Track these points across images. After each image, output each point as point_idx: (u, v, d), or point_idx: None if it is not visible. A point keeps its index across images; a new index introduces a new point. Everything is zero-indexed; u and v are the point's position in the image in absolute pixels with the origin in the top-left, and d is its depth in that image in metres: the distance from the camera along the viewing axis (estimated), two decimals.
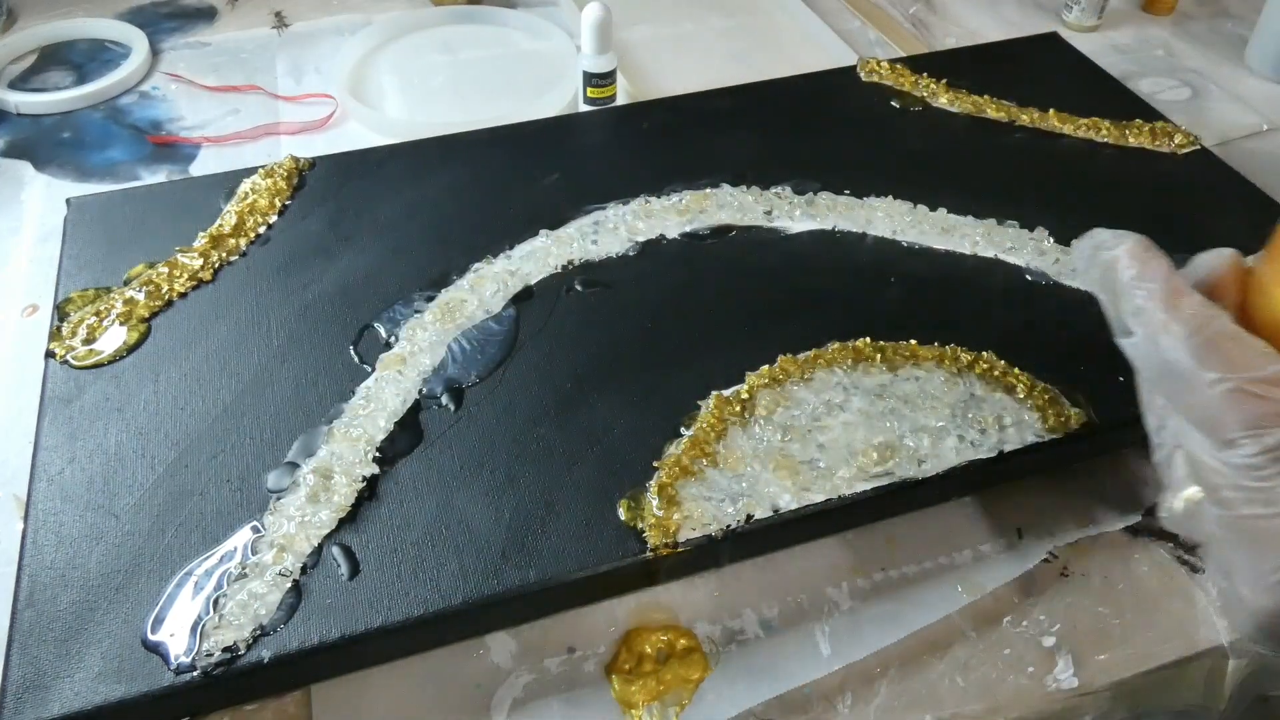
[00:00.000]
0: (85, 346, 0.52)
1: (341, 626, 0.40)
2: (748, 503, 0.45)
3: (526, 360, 0.52)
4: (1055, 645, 0.45)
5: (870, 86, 0.73)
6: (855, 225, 0.61)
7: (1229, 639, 0.45)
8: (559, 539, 0.44)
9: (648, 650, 0.44)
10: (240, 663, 0.39)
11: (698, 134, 0.68)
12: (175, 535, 0.44)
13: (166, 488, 0.45)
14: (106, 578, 0.42)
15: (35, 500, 0.45)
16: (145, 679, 0.39)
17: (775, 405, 0.49)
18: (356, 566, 0.43)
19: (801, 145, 0.67)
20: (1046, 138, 0.68)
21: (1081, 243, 0.37)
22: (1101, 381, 0.51)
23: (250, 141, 0.75)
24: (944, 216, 0.61)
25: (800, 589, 0.47)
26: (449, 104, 0.79)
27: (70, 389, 0.50)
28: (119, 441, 0.47)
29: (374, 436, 0.48)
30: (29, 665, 0.39)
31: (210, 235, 0.58)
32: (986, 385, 0.51)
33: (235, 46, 0.86)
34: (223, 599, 0.41)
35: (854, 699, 0.43)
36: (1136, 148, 0.68)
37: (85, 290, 0.55)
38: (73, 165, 0.72)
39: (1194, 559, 0.48)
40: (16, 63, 0.83)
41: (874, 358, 0.51)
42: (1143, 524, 0.50)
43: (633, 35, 0.88)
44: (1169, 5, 0.94)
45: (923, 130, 0.69)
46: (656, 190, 0.63)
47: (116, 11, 0.89)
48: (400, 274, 0.57)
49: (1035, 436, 0.48)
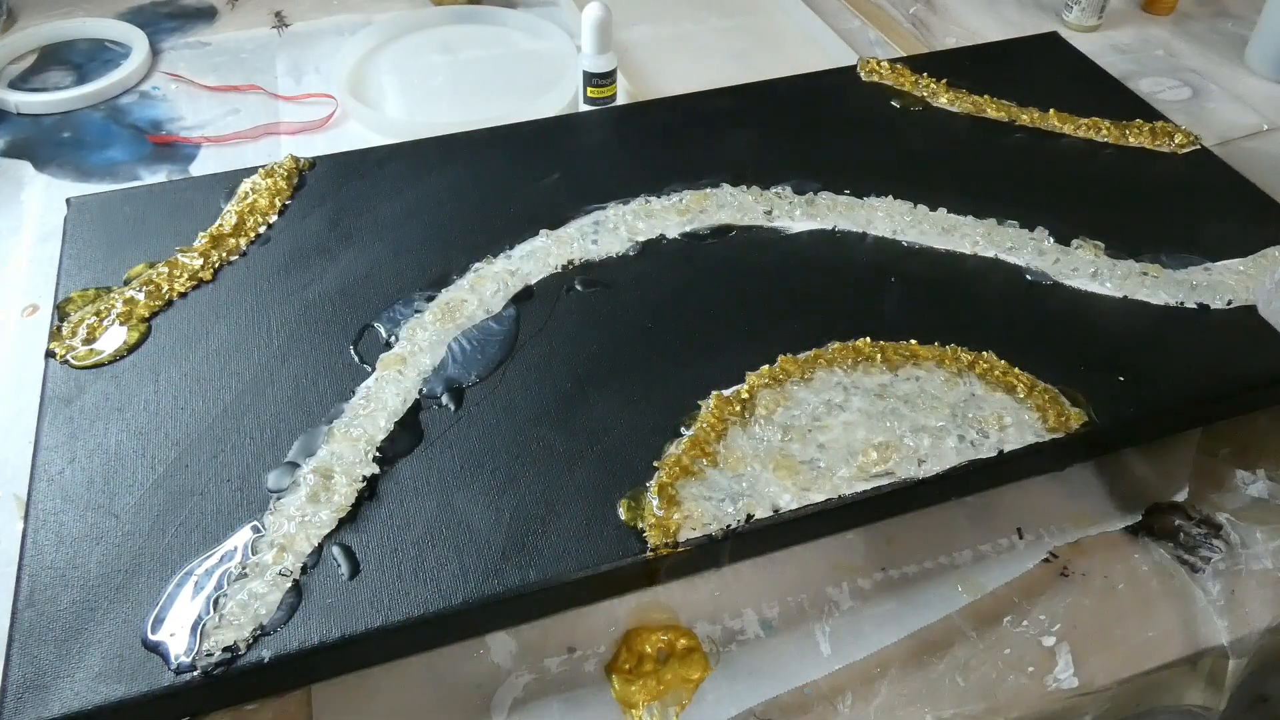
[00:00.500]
0: (85, 346, 0.52)
1: (341, 626, 0.40)
2: (748, 503, 0.45)
3: (526, 360, 0.52)
4: (1055, 645, 0.45)
5: (870, 86, 0.73)
6: (855, 225, 0.61)
7: (1229, 639, 0.45)
8: (559, 539, 0.44)
9: (648, 650, 0.44)
10: (240, 663, 0.39)
11: (698, 134, 0.68)
12: (175, 535, 0.44)
13: (167, 487, 0.45)
14: (106, 578, 0.42)
15: (35, 500, 0.45)
16: (145, 679, 0.39)
17: (775, 405, 0.49)
18: (356, 566, 0.43)
19: (801, 145, 0.67)
20: (1046, 138, 0.68)
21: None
22: (1101, 381, 0.51)
23: (250, 141, 0.75)
24: (944, 216, 0.61)
25: (800, 589, 0.47)
26: (449, 104, 0.79)
27: (70, 389, 0.50)
28: (119, 441, 0.47)
29: (374, 436, 0.48)
30: (29, 665, 0.39)
31: (210, 235, 0.58)
32: (986, 385, 0.51)
33: (235, 46, 0.86)
34: (223, 599, 0.41)
35: (854, 699, 0.43)
36: (1136, 148, 0.68)
37: (85, 290, 0.55)
38: (73, 165, 0.72)
39: (1194, 559, 0.48)
40: (16, 63, 0.83)
41: (874, 358, 0.51)
42: (1142, 524, 0.50)
43: (633, 35, 0.88)
44: (1169, 5, 0.94)
45: (923, 130, 0.69)
46: (656, 190, 0.63)
47: (116, 11, 0.89)
48: (400, 274, 0.57)
49: (1035, 436, 0.48)
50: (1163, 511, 0.50)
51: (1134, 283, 0.57)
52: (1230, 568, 0.48)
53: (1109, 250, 0.59)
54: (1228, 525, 0.49)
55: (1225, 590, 0.47)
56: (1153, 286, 0.57)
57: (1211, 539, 0.49)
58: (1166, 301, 0.56)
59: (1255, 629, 0.46)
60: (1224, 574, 0.48)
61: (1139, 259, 0.59)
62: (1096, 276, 0.57)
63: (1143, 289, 0.57)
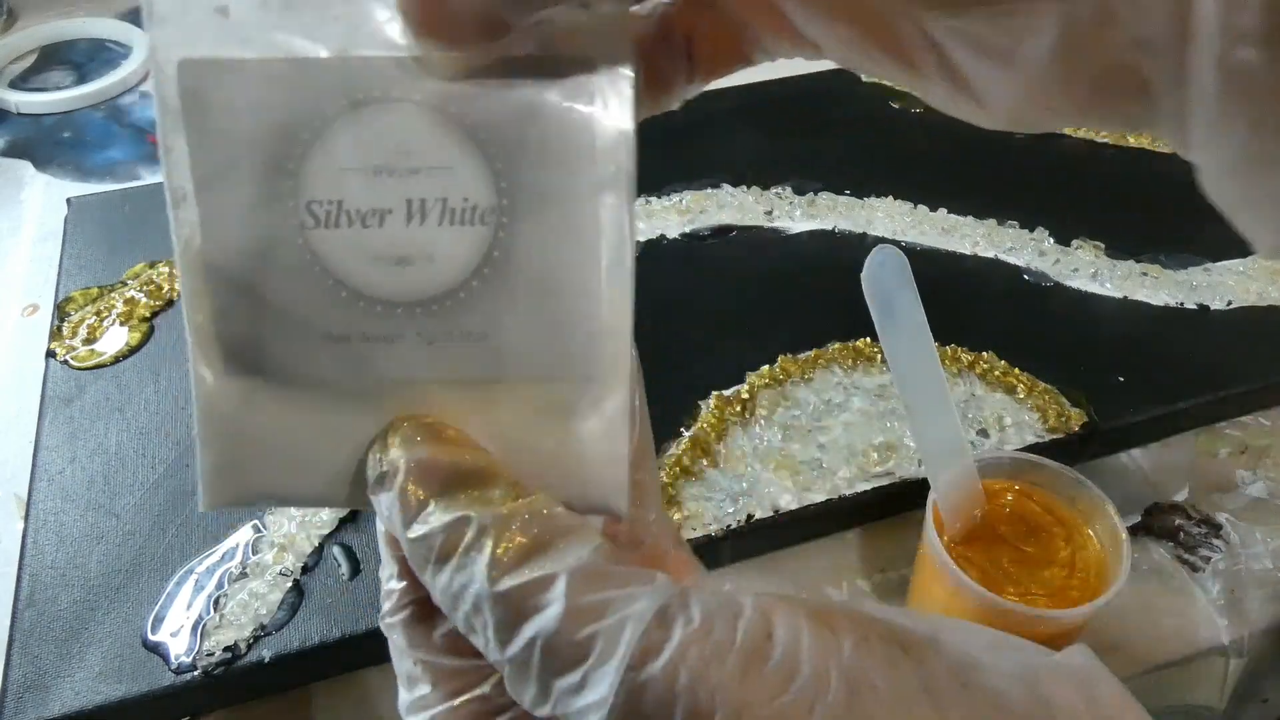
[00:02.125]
0: (86, 346, 0.52)
1: (341, 626, 0.40)
2: (748, 503, 0.45)
3: None
4: None
5: (870, 87, 0.73)
6: (855, 225, 0.61)
7: (1229, 639, 0.45)
8: None
9: None
10: (241, 662, 0.39)
11: (698, 134, 0.68)
12: (176, 535, 0.44)
13: (167, 487, 0.45)
14: (107, 577, 0.42)
15: (36, 500, 0.45)
16: (146, 679, 0.39)
17: (775, 405, 0.49)
18: (357, 566, 0.43)
19: (802, 145, 0.67)
20: (1046, 138, 0.68)
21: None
22: (1101, 381, 0.51)
23: None
24: (944, 216, 0.61)
25: (800, 589, 0.47)
26: None
27: (70, 389, 0.50)
28: (120, 441, 0.47)
29: None
30: (29, 665, 0.39)
31: None
32: (986, 385, 0.51)
33: None
34: (223, 598, 0.41)
35: None
36: (1136, 148, 0.68)
37: (86, 290, 0.55)
38: (73, 165, 0.72)
39: (1194, 559, 0.48)
40: (17, 62, 0.83)
41: (874, 358, 0.51)
42: (1142, 524, 0.50)
43: None
44: None
45: (923, 130, 0.69)
46: (656, 190, 0.63)
47: (117, 11, 0.88)
48: None
49: (1035, 436, 0.48)
50: (1163, 511, 0.50)
51: (1134, 283, 0.57)
52: (1230, 568, 0.48)
53: (1109, 250, 0.59)
54: (1228, 525, 0.49)
55: (1225, 590, 0.47)
56: (1153, 287, 0.57)
57: (1211, 539, 0.49)
58: (1166, 302, 0.56)
59: (1255, 629, 0.46)
60: (1224, 574, 0.48)
61: (1139, 259, 0.59)
62: (1096, 277, 0.57)
63: (1143, 289, 0.57)
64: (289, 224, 0.20)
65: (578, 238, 0.22)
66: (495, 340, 0.21)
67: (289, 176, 0.20)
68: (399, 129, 0.20)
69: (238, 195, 0.20)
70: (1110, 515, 0.40)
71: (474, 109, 0.20)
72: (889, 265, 0.35)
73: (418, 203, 0.20)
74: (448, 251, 0.20)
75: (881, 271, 0.35)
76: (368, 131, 0.20)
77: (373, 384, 0.21)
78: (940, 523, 0.39)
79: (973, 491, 0.39)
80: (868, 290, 0.35)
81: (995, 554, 0.40)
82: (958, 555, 0.38)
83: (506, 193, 0.20)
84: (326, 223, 0.20)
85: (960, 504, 0.39)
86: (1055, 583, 0.39)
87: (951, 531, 0.39)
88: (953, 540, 0.39)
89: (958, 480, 0.39)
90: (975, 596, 0.37)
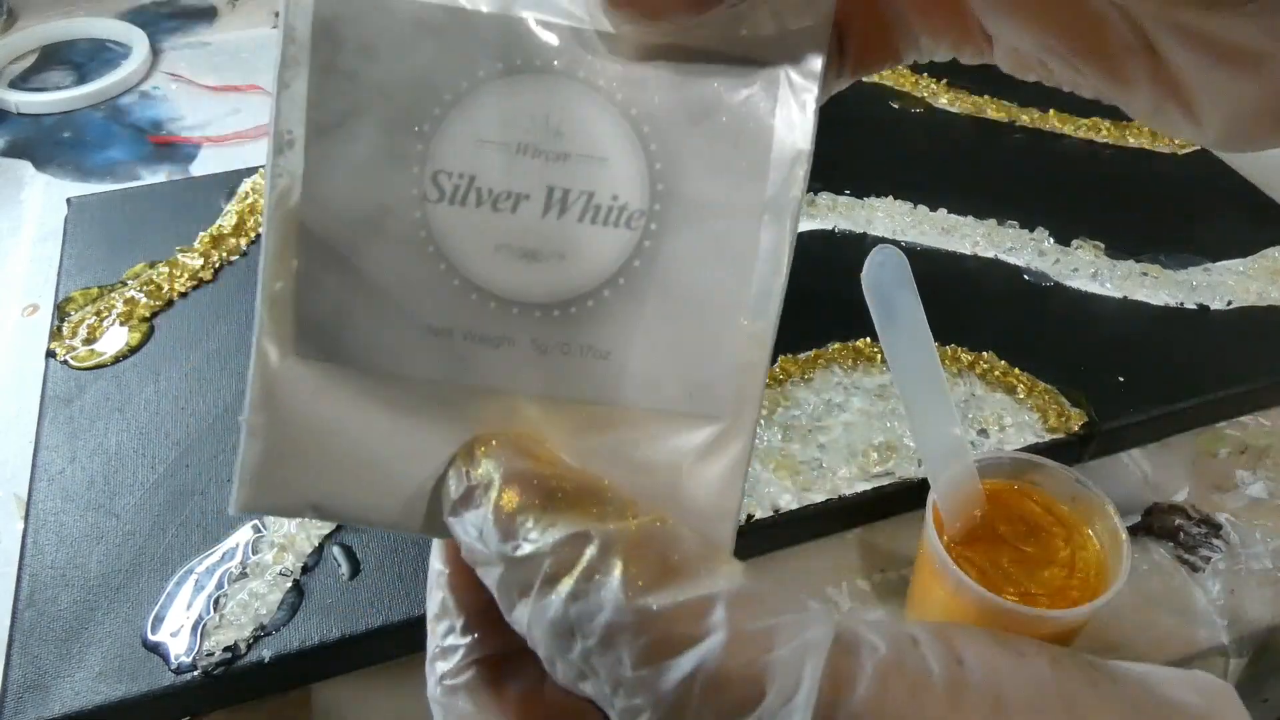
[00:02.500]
0: (86, 346, 0.52)
1: (341, 626, 0.40)
2: (748, 503, 0.45)
3: None
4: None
5: (870, 87, 0.73)
6: (855, 225, 0.61)
7: (1229, 639, 0.45)
8: None
9: None
10: (241, 662, 0.39)
11: None
12: (176, 534, 0.44)
13: (167, 487, 0.45)
14: (107, 577, 0.42)
15: (36, 500, 0.45)
16: (146, 679, 0.39)
17: (775, 405, 0.49)
18: (357, 566, 0.43)
19: None
20: (1046, 138, 0.68)
21: None
22: (1101, 381, 0.51)
23: (250, 141, 0.75)
24: (944, 216, 0.61)
25: (800, 589, 0.47)
26: None
27: (70, 389, 0.50)
28: (119, 441, 0.47)
29: None
30: (29, 665, 0.39)
31: (211, 235, 0.58)
32: (986, 385, 0.51)
33: (236, 46, 0.86)
34: (223, 598, 0.41)
35: None
36: (1136, 148, 0.68)
37: (86, 290, 0.55)
38: (73, 165, 0.72)
39: (1194, 559, 0.48)
40: (17, 62, 0.83)
41: (874, 358, 0.51)
42: (1142, 524, 0.50)
43: None
44: None
45: (923, 130, 0.69)
46: None
47: (117, 11, 0.89)
48: None
49: (1035, 437, 0.48)
50: (1163, 511, 0.50)
51: (1134, 283, 0.57)
52: (1230, 568, 0.48)
53: (1109, 250, 0.59)
54: (1228, 525, 0.49)
55: (1225, 590, 0.47)
56: (1152, 287, 0.57)
57: (1211, 539, 0.49)
58: (1166, 302, 0.56)
59: (1255, 629, 0.46)
60: (1224, 574, 0.48)
61: (1139, 259, 0.59)
62: (1096, 277, 0.57)
63: (1142, 289, 0.57)
64: (408, 192, 0.17)
65: (731, 259, 0.19)
66: (619, 360, 0.18)
67: (419, 139, 0.17)
68: (554, 106, 0.17)
69: (355, 150, 0.17)
70: (1110, 515, 0.40)
71: (643, 98, 0.17)
72: (889, 265, 0.35)
73: (560, 192, 0.17)
74: (584, 252, 0.18)
75: (881, 271, 0.35)
76: (518, 103, 0.17)
77: (468, 390, 0.18)
78: (940, 523, 0.39)
79: (973, 491, 0.39)
80: (868, 290, 0.35)
81: (995, 554, 0.40)
82: (958, 555, 0.38)
83: (661, 197, 0.18)
84: (452, 198, 0.17)
85: (960, 504, 0.39)
86: (1055, 583, 0.39)
87: (951, 531, 0.39)
88: (953, 540, 0.39)
89: (958, 480, 0.39)
90: (975, 596, 0.37)
